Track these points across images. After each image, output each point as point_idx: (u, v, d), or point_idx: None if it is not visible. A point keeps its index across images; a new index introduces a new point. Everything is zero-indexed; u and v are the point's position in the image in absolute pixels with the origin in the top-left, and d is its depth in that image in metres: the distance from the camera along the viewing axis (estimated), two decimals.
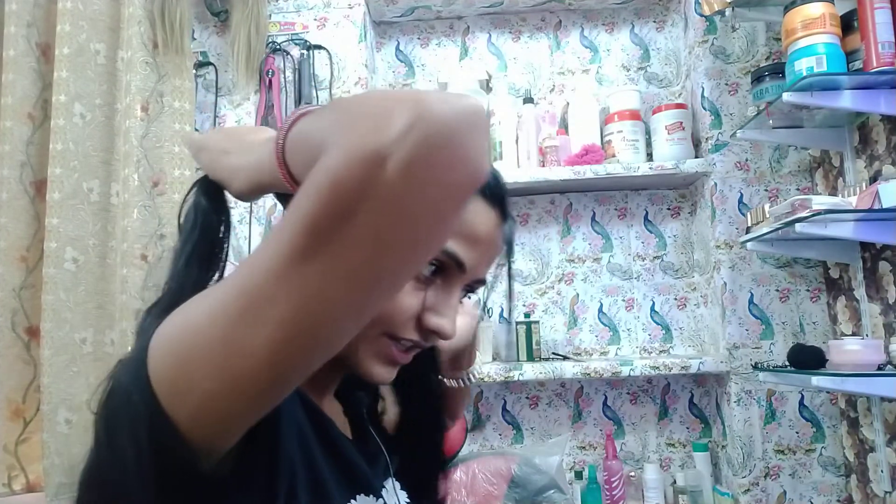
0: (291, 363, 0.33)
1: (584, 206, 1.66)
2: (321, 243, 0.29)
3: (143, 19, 1.42)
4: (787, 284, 1.46)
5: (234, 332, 0.32)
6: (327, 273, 0.30)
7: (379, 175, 0.28)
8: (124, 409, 0.35)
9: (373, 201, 0.28)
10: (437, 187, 0.29)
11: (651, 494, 1.44)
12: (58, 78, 1.37)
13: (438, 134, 0.28)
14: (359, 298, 0.31)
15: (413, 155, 0.28)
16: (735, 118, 1.50)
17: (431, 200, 0.29)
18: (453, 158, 0.29)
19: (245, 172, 0.42)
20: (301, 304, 0.31)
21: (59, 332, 1.32)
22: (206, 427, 0.34)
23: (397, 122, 0.28)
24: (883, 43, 1.11)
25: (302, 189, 0.30)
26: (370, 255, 0.30)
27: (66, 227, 1.36)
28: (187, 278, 0.43)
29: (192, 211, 0.46)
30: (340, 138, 0.29)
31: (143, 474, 0.34)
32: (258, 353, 0.32)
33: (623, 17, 1.73)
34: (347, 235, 0.29)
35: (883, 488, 1.24)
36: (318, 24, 1.57)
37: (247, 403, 0.34)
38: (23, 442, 1.36)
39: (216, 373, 0.33)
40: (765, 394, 1.42)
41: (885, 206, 1.06)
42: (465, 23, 1.75)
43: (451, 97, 0.30)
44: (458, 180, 0.30)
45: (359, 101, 0.32)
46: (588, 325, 1.63)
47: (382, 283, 0.31)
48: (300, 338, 0.32)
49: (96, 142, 1.42)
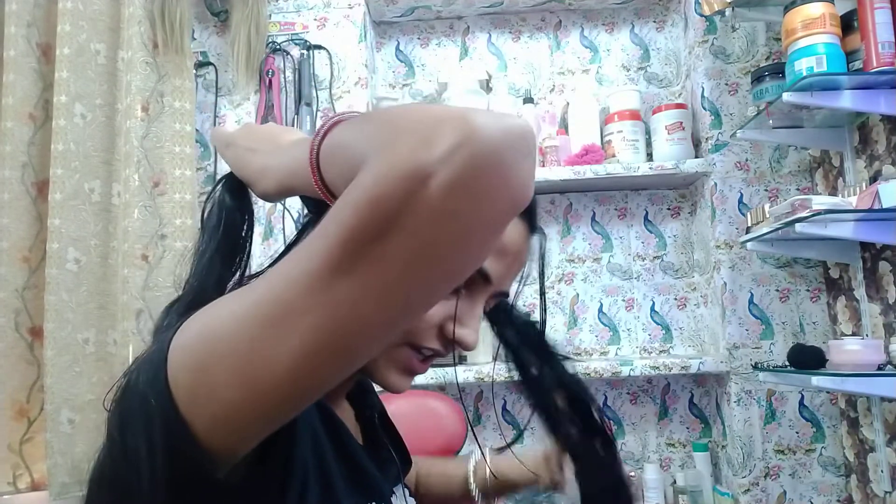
0: (316, 376, 0.32)
1: (584, 206, 1.66)
2: (357, 258, 0.29)
3: (144, 19, 1.43)
4: (787, 284, 1.46)
5: (260, 342, 0.31)
6: (361, 288, 0.29)
7: (421, 193, 0.27)
8: (140, 410, 0.35)
9: (413, 219, 0.27)
10: (480, 210, 0.28)
11: (651, 494, 1.44)
12: (58, 78, 1.37)
13: (486, 156, 0.27)
14: (390, 315, 0.30)
15: (458, 176, 0.27)
16: (735, 118, 1.50)
17: (472, 222, 0.28)
18: (498, 182, 0.28)
19: (273, 173, 0.42)
20: (331, 318, 0.30)
21: (61, 333, 1.33)
22: (223, 435, 0.34)
23: (444, 141, 0.27)
24: (883, 43, 1.11)
25: (340, 201, 0.30)
26: (406, 273, 0.29)
27: (68, 228, 1.36)
28: (209, 276, 0.43)
29: (216, 208, 0.45)
30: (383, 152, 0.28)
31: (155, 477, 0.34)
32: (282, 365, 0.31)
33: (623, 17, 1.73)
34: (384, 252, 0.28)
35: (883, 488, 1.24)
36: (318, 24, 1.57)
37: (266, 414, 0.34)
38: (27, 441, 1.36)
39: (238, 382, 0.32)
40: (765, 394, 1.42)
41: (885, 206, 1.06)
42: (465, 23, 1.75)
43: (501, 117, 0.29)
44: (502, 204, 0.29)
45: (403, 114, 0.31)
46: (588, 325, 1.63)
47: (415, 301, 0.31)
48: (327, 351, 0.31)
49: (97, 142, 1.42)
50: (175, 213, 1.44)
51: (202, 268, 0.44)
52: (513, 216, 0.30)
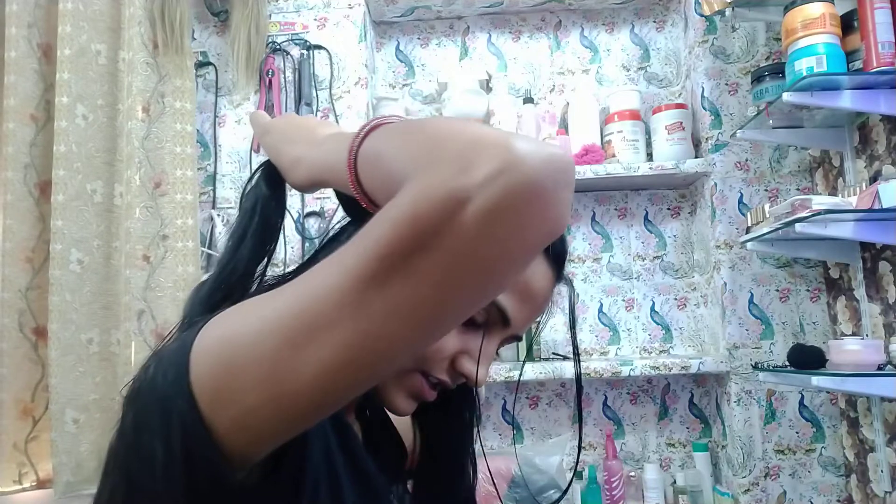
0: (339, 388, 0.33)
1: (584, 206, 1.66)
2: (391, 274, 0.29)
3: (144, 20, 1.43)
4: (787, 284, 1.46)
5: (287, 351, 0.32)
6: (392, 305, 0.30)
7: (459, 217, 0.28)
8: (159, 410, 0.35)
9: (448, 241, 0.28)
10: (514, 237, 0.29)
11: (651, 494, 1.44)
12: (59, 79, 1.37)
13: (525, 185, 0.28)
14: (416, 333, 0.31)
15: (495, 203, 0.28)
16: (735, 118, 1.49)
17: (506, 248, 0.29)
18: (536, 211, 0.29)
19: (308, 164, 0.43)
20: (360, 334, 0.30)
21: (65, 333, 1.34)
22: (242, 439, 0.34)
23: (485, 167, 0.28)
24: (883, 43, 1.11)
25: (378, 216, 0.30)
26: (436, 292, 0.30)
27: (71, 229, 1.37)
28: (240, 259, 0.44)
29: (252, 193, 0.46)
30: (424, 172, 0.29)
31: (171, 477, 0.34)
32: (307, 376, 0.31)
33: (623, 17, 1.72)
34: (418, 270, 0.29)
35: (883, 488, 1.24)
36: (318, 24, 1.57)
37: (287, 422, 0.34)
38: (32, 440, 1.37)
39: (262, 389, 0.32)
40: (765, 394, 1.42)
41: (885, 206, 1.06)
42: (465, 23, 1.75)
43: (543, 146, 0.29)
44: (537, 233, 0.30)
45: (447, 132, 0.31)
46: (588, 325, 1.63)
47: (441, 320, 0.31)
48: (352, 366, 0.31)
49: (99, 143, 1.43)
50: (176, 214, 1.44)
51: (234, 249, 0.45)
52: (546, 244, 0.31)
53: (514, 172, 0.28)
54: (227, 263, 0.44)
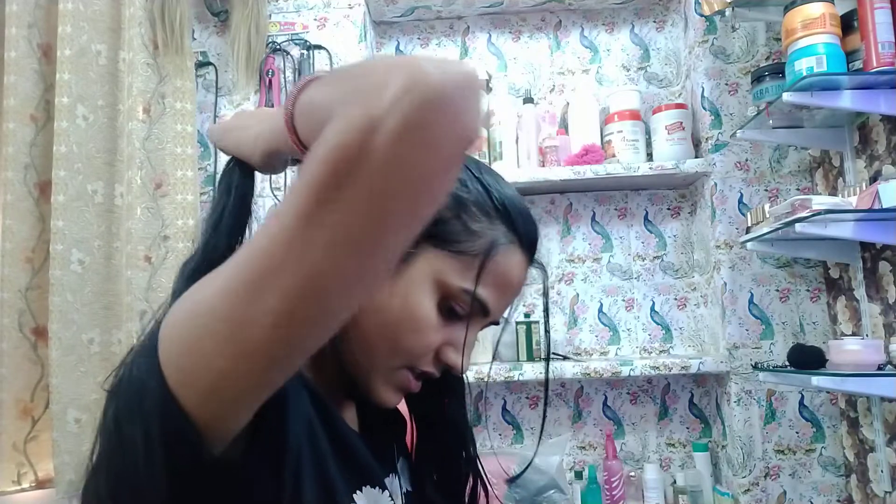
0: (297, 334, 0.33)
1: (584, 206, 1.66)
2: (325, 208, 0.30)
3: (144, 20, 1.43)
4: (787, 284, 1.46)
5: (241, 307, 0.32)
6: (331, 237, 0.31)
7: (373, 141, 0.29)
8: (135, 397, 0.35)
9: (368, 166, 0.29)
10: (430, 153, 0.30)
11: (651, 494, 1.44)
12: (60, 80, 1.37)
13: (430, 101, 0.29)
14: (360, 263, 0.32)
15: (404, 122, 0.29)
16: (735, 118, 1.49)
17: (424, 165, 0.30)
18: (445, 124, 0.30)
19: (263, 139, 0.44)
20: (308, 273, 0.31)
21: (66, 333, 1.34)
22: (214, 407, 0.34)
23: (391, 90, 0.29)
24: (883, 43, 1.11)
25: (307, 159, 0.31)
26: (369, 219, 0.30)
27: (72, 230, 1.37)
28: (220, 237, 0.46)
29: (226, 178, 0.48)
30: (341, 107, 0.30)
31: (152, 461, 0.34)
32: (266, 325, 0.32)
33: (623, 17, 1.72)
34: (347, 200, 0.30)
35: (883, 488, 1.24)
36: (318, 24, 1.57)
37: (254, 380, 0.34)
38: (31, 440, 1.37)
39: (224, 350, 0.33)
40: (765, 394, 1.42)
41: (885, 206, 1.06)
42: (465, 23, 1.75)
43: (445, 63, 0.30)
44: (451, 145, 0.30)
45: (360, 69, 0.33)
46: (588, 325, 1.63)
47: (381, 245, 0.32)
48: (305, 307, 0.32)
49: (99, 143, 1.43)
50: (177, 214, 1.44)
51: (213, 226, 0.46)
52: (462, 157, 0.32)
53: (418, 90, 0.29)
54: (209, 241, 0.46)
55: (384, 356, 0.48)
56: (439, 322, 0.48)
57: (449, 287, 0.47)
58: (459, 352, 0.49)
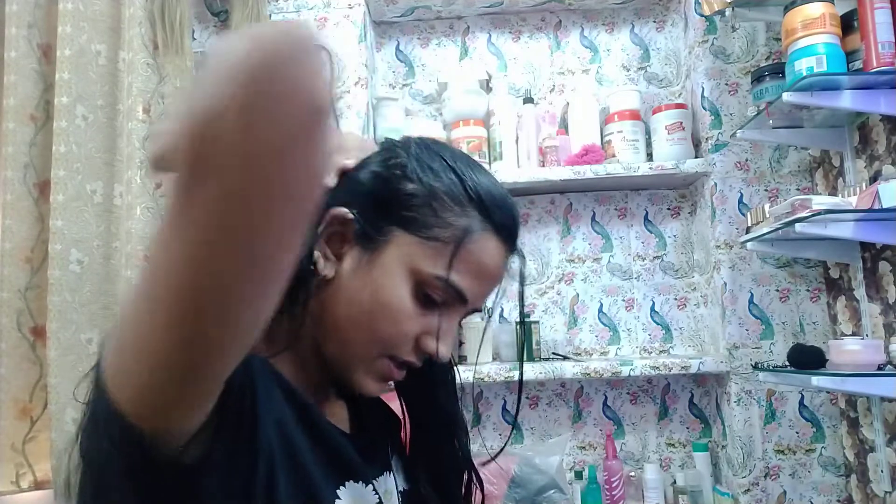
0: (197, 334, 0.32)
1: (584, 206, 1.66)
2: (190, 205, 0.30)
3: (144, 20, 1.43)
4: (787, 284, 1.46)
5: (139, 312, 0.33)
6: (203, 232, 0.30)
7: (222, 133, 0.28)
8: (95, 403, 0.37)
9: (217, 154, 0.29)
10: (273, 127, 0.29)
11: (651, 494, 1.44)
12: (59, 80, 1.37)
13: (257, 77, 0.28)
14: (244, 251, 0.31)
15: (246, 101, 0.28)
16: (735, 118, 1.49)
17: (278, 141, 0.29)
18: (283, 97, 0.29)
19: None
20: (183, 267, 0.31)
21: (65, 333, 1.34)
22: (149, 413, 0.34)
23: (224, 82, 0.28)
24: (883, 43, 1.11)
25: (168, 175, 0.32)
26: (234, 208, 0.30)
27: (71, 229, 1.37)
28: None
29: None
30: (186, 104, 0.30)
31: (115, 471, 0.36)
32: (160, 325, 0.32)
33: (623, 17, 1.72)
34: (208, 189, 0.29)
35: (883, 488, 1.24)
36: (318, 24, 1.57)
37: (174, 383, 0.34)
38: (30, 440, 1.37)
39: (136, 356, 0.33)
40: (765, 394, 1.42)
41: (885, 206, 1.06)
42: (465, 23, 1.75)
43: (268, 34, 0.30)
44: (297, 114, 0.29)
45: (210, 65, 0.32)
46: (588, 325, 1.63)
47: (263, 232, 0.31)
48: (195, 303, 0.31)
49: (99, 143, 1.43)
50: None
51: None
52: (318, 116, 0.30)
53: (244, 74, 0.28)
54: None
55: (362, 346, 0.48)
56: (416, 310, 0.47)
57: (422, 273, 0.47)
58: (440, 341, 0.48)
